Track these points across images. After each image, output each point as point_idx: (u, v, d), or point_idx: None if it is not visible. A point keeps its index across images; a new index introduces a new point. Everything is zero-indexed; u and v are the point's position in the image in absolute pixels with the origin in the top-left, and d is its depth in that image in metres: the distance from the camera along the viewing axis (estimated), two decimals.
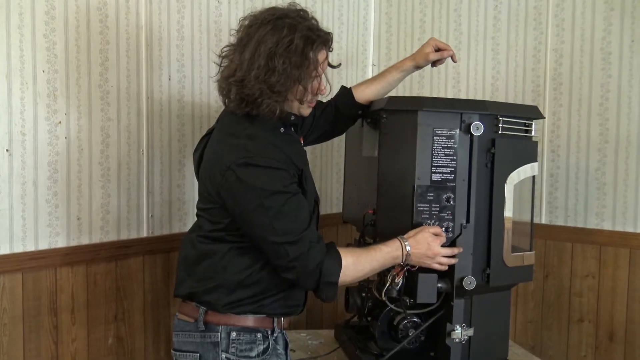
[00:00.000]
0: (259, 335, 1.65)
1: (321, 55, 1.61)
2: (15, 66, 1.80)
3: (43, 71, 1.86)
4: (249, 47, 1.56)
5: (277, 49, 1.53)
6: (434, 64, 1.98)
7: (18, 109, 1.81)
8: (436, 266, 1.74)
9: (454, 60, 1.98)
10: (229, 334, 1.63)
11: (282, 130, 1.68)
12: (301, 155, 1.71)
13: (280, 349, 1.71)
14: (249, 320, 1.65)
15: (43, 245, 1.90)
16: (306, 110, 1.70)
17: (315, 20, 1.62)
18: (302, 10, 1.62)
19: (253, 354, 1.64)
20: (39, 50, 1.85)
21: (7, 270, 1.80)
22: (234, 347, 1.63)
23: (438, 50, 1.95)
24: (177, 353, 1.68)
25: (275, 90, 1.55)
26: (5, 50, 1.77)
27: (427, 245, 1.71)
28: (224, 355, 1.62)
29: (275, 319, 1.69)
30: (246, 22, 1.61)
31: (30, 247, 1.87)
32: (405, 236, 1.70)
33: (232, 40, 1.65)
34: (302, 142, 1.89)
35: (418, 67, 1.99)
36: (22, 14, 1.80)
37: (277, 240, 1.54)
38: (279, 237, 1.53)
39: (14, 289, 1.83)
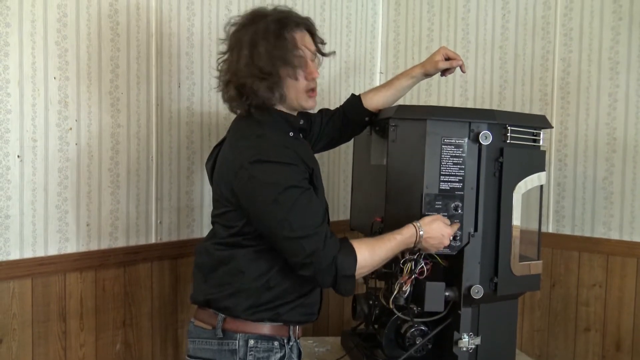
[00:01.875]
0: (276, 343, 1.66)
1: (299, 36, 1.65)
2: (27, 73, 1.81)
3: (54, 78, 1.88)
4: (236, 46, 1.65)
5: (257, 36, 1.60)
6: (443, 73, 1.99)
7: (29, 115, 1.83)
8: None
9: (462, 71, 1.99)
10: (247, 342, 1.63)
11: (291, 134, 1.70)
12: (311, 156, 1.72)
13: (295, 358, 1.72)
14: (267, 328, 1.65)
15: (53, 251, 1.91)
16: (307, 102, 1.70)
17: (294, 12, 1.70)
18: (278, 6, 1.71)
19: None
20: (50, 58, 1.86)
21: (16, 276, 1.81)
22: (251, 354, 1.63)
23: (448, 59, 1.95)
24: None
25: (266, 72, 1.59)
26: (18, 58, 1.79)
27: (440, 237, 1.72)
28: None
29: (292, 327, 1.70)
30: (231, 29, 1.70)
31: (40, 253, 1.88)
32: (420, 223, 1.71)
33: (223, 48, 1.72)
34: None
35: (427, 75, 2.00)
36: (35, 21, 1.82)
37: (292, 235, 1.53)
38: (294, 231, 1.53)
39: (24, 294, 1.84)
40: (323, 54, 1.77)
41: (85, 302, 1.99)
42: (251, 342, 1.63)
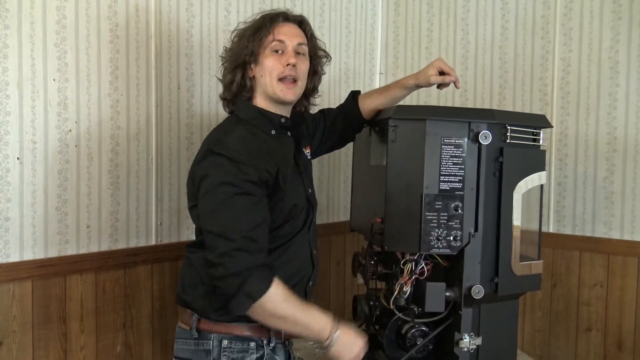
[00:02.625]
0: (252, 344, 1.65)
1: (275, 24, 1.69)
2: (27, 75, 1.81)
3: (54, 80, 1.88)
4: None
5: (238, 31, 1.75)
6: (439, 86, 1.96)
7: (29, 117, 1.83)
8: None
9: (456, 86, 1.95)
10: (220, 342, 1.63)
11: (272, 132, 1.70)
12: (284, 156, 1.69)
13: (279, 359, 1.70)
14: (242, 329, 1.64)
15: (52, 253, 1.91)
16: (280, 91, 1.68)
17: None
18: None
19: None
20: (49, 59, 1.86)
21: (16, 278, 1.81)
22: (225, 355, 1.63)
23: (442, 73, 1.92)
24: None
25: (232, 54, 1.72)
26: (17, 60, 1.79)
27: (352, 344, 1.62)
28: None
29: (273, 329, 1.67)
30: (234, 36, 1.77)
31: (40, 255, 1.88)
32: (341, 328, 1.60)
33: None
34: (308, 150, 1.88)
35: (420, 86, 1.97)
36: (34, 23, 1.82)
37: (211, 230, 1.53)
38: (215, 227, 1.52)
39: (24, 296, 1.84)
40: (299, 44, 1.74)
41: (85, 304, 1.99)
42: (225, 342, 1.63)
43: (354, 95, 2.03)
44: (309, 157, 1.88)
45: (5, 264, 1.79)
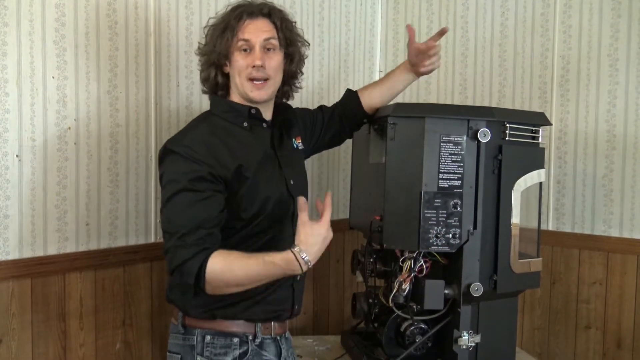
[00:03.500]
0: (235, 339, 1.65)
1: (242, 20, 1.67)
2: (26, 72, 1.81)
3: (53, 77, 1.88)
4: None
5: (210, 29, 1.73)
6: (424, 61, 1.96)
7: (28, 114, 1.82)
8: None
9: (444, 30, 1.97)
10: (204, 337, 1.64)
11: (244, 125, 1.69)
12: (254, 148, 1.67)
13: (267, 355, 1.69)
14: (226, 325, 1.65)
15: (52, 251, 1.91)
16: (251, 90, 1.66)
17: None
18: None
19: (228, 358, 1.64)
20: (49, 57, 1.86)
21: (16, 276, 1.81)
22: (208, 350, 1.64)
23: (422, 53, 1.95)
24: (168, 354, 1.73)
25: (204, 53, 1.73)
26: (16, 57, 1.79)
27: (310, 231, 1.50)
28: (199, 358, 1.64)
29: (260, 325, 1.67)
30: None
31: (39, 253, 1.88)
32: (296, 243, 1.50)
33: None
34: (299, 141, 1.86)
35: (414, 67, 1.98)
36: (33, 20, 1.82)
37: (162, 227, 1.57)
38: (163, 224, 1.56)
39: (23, 294, 1.84)
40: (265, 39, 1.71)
41: (84, 301, 1.99)
42: (208, 337, 1.64)
43: (351, 90, 2.03)
44: (299, 147, 1.86)
45: (5, 261, 1.79)
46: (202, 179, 1.54)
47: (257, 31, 1.66)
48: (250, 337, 1.67)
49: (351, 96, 2.02)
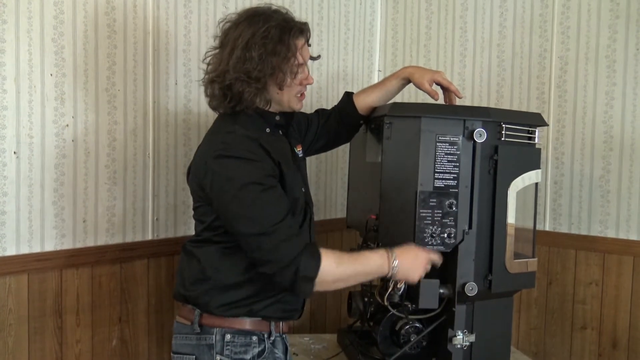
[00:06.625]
0: (255, 338, 1.66)
1: (299, 42, 1.64)
2: (24, 70, 1.82)
3: (51, 75, 1.88)
4: (229, 44, 1.62)
5: (254, 39, 1.58)
6: (444, 94, 1.98)
7: (26, 112, 1.83)
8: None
9: (458, 97, 1.96)
10: (223, 336, 1.64)
11: (267, 130, 1.69)
12: (284, 154, 1.69)
13: (278, 352, 1.72)
14: (244, 323, 1.65)
15: (49, 247, 1.92)
16: (297, 104, 1.71)
17: (291, 14, 1.68)
18: (277, 7, 1.68)
19: (248, 356, 1.65)
20: (47, 54, 1.87)
21: (13, 272, 1.82)
22: (228, 349, 1.64)
23: (439, 85, 1.94)
24: (175, 355, 1.70)
25: (253, 77, 1.58)
26: (14, 54, 1.80)
27: (414, 255, 1.67)
28: (218, 357, 1.63)
29: (273, 323, 1.70)
30: (225, 25, 1.67)
31: (36, 249, 1.89)
32: (397, 254, 1.64)
33: (215, 44, 1.70)
34: (300, 149, 1.88)
35: (412, 82, 1.97)
36: (31, 18, 1.83)
37: (250, 232, 1.54)
38: (252, 228, 1.53)
39: (20, 290, 1.85)
40: (313, 58, 1.77)
41: (81, 298, 2.00)
42: (228, 336, 1.64)
43: (348, 94, 2.03)
44: (301, 155, 1.88)
45: (2, 257, 1.80)
46: (269, 176, 1.57)
47: (306, 52, 1.69)
48: (266, 335, 1.68)
49: (348, 100, 2.02)
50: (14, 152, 1.82)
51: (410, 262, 1.66)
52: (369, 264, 1.63)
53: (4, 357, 1.82)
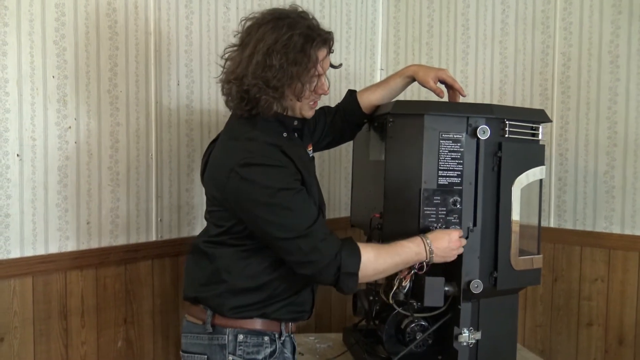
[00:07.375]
0: (266, 338, 1.67)
1: (321, 53, 1.62)
2: (26, 72, 1.82)
3: (53, 77, 1.88)
4: (250, 45, 1.59)
5: (276, 46, 1.55)
6: (449, 92, 1.97)
7: (28, 114, 1.83)
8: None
9: (462, 95, 1.96)
10: (236, 337, 1.64)
11: (284, 135, 1.68)
12: (303, 161, 1.68)
13: (287, 352, 1.72)
14: (257, 324, 1.66)
15: (53, 249, 1.92)
16: (308, 112, 1.71)
17: (316, 20, 1.64)
18: (302, 11, 1.64)
19: (260, 356, 1.65)
20: (49, 57, 1.87)
21: (17, 274, 1.82)
22: (241, 349, 1.64)
23: (443, 82, 1.94)
24: (186, 355, 1.70)
25: (271, 86, 1.56)
26: (16, 57, 1.80)
27: (448, 237, 1.72)
28: (231, 358, 1.63)
29: (283, 323, 1.70)
30: (247, 23, 1.64)
31: (41, 251, 1.89)
32: (431, 239, 1.70)
33: (235, 41, 1.67)
34: (310, 148, 1.88)
35: (416, 80, 1.98)
36: (33, 20, 1.83)
37: (287, 237, 1.54)
38: (288, 232, 1.54)
39: (25, 292, 1.85)
40: (334, 67, 1.76)
41: (86, 299, 2.00)
42: (240, 336, 1.64)
43: (352, 92, 2.03)
44: (312, 155, 1.88)
45: (6, 260, 1.80)
46: (295, 179, 1.59)
47: (327, 63, 1.68)
48: (277, 335, 1.69)
49: (352, 99, 2.01)
50: (17, 155, 1.82)
51: (446, 244, 1.71)
52: (406, 252, 1.66)
53: None
